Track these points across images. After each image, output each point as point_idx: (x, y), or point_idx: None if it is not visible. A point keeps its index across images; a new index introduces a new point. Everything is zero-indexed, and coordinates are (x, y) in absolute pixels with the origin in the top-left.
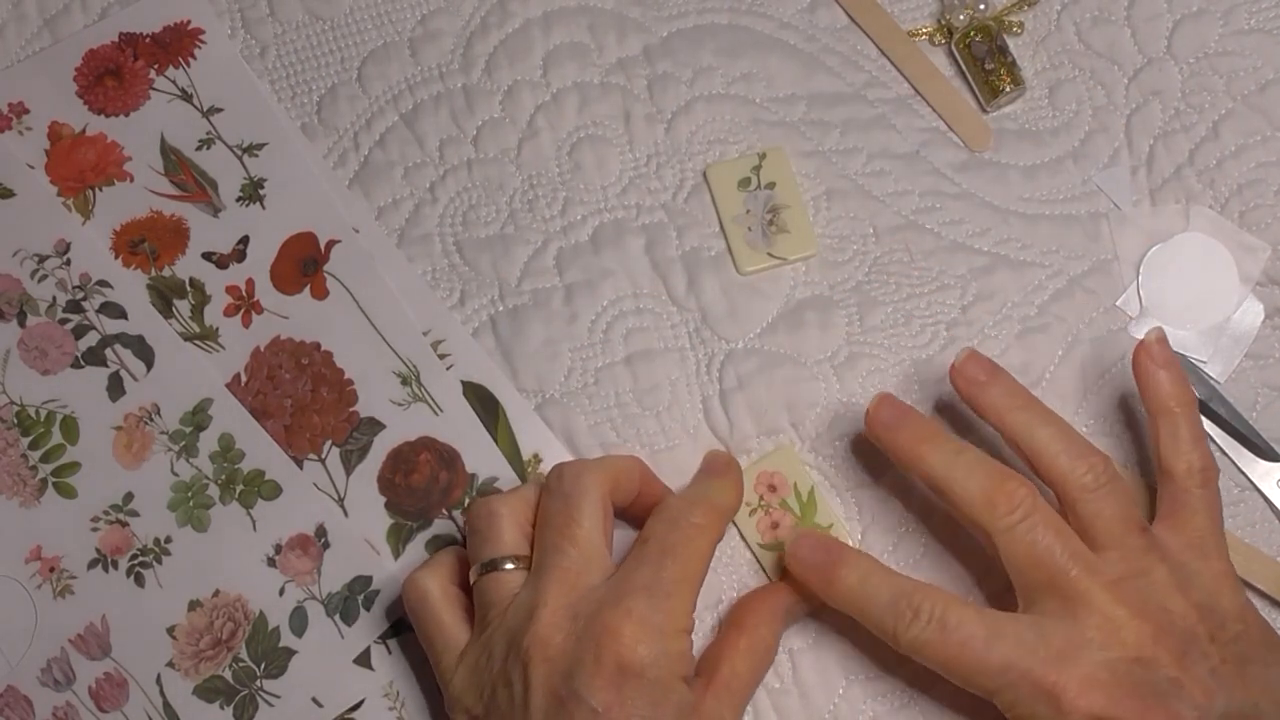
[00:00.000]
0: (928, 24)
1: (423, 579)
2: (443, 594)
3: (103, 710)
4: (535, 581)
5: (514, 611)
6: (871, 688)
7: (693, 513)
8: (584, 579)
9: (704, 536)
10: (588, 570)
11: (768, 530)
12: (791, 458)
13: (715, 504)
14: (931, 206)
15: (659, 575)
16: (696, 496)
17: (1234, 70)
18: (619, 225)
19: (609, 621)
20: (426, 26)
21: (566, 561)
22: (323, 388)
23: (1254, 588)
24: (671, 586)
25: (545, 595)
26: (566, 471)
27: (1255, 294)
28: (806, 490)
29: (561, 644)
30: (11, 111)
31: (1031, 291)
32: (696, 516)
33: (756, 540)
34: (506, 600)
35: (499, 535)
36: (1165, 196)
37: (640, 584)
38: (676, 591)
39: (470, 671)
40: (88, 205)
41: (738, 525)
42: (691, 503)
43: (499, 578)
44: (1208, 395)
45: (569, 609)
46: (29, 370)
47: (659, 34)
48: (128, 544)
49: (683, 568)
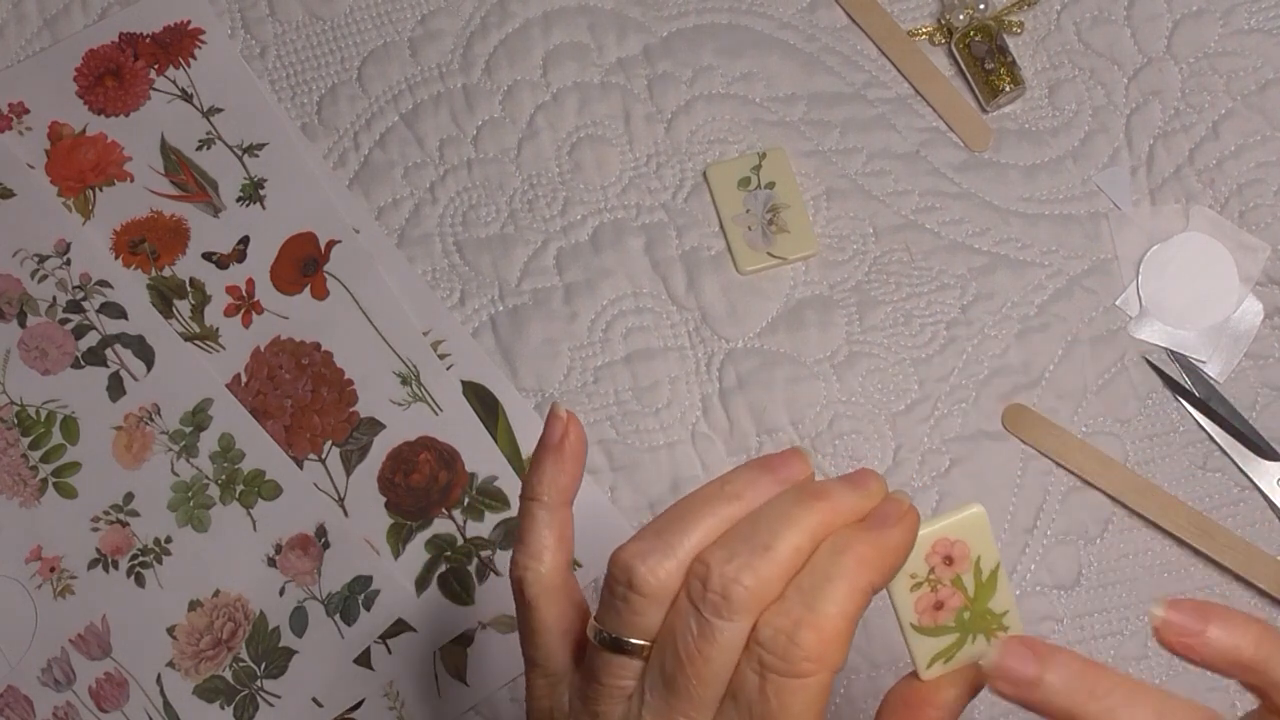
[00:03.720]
0: (928, 24)
1: (533, 570)
2: (549, 595)
3: (103, 710)
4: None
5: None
6: (873, 686)
7: (803, 635)
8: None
9: (821, 683)
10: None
11: (928, 611)
12: (982, 528)
13: (845, 610)
14: (931, 206)
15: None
16: (816, 592)
17: (1234, 70)
18: (619, 225)
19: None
20: (426, 26)
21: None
22: (323, 388)
23: (1254, 587)
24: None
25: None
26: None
27: (1255, 294)
28: (990, 568)
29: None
30: (11, 111)
31: (1031, 291)
32: (814, 646)
33: (910, 619)
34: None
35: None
36: (1165, 196)
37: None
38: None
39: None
40: (88, 205)
41: (890, 592)
42: (809, 610)
43: (623, 663)
44: (1207, 395)
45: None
46: (29, 370)
47: (659, 34)
48: (128, 544)
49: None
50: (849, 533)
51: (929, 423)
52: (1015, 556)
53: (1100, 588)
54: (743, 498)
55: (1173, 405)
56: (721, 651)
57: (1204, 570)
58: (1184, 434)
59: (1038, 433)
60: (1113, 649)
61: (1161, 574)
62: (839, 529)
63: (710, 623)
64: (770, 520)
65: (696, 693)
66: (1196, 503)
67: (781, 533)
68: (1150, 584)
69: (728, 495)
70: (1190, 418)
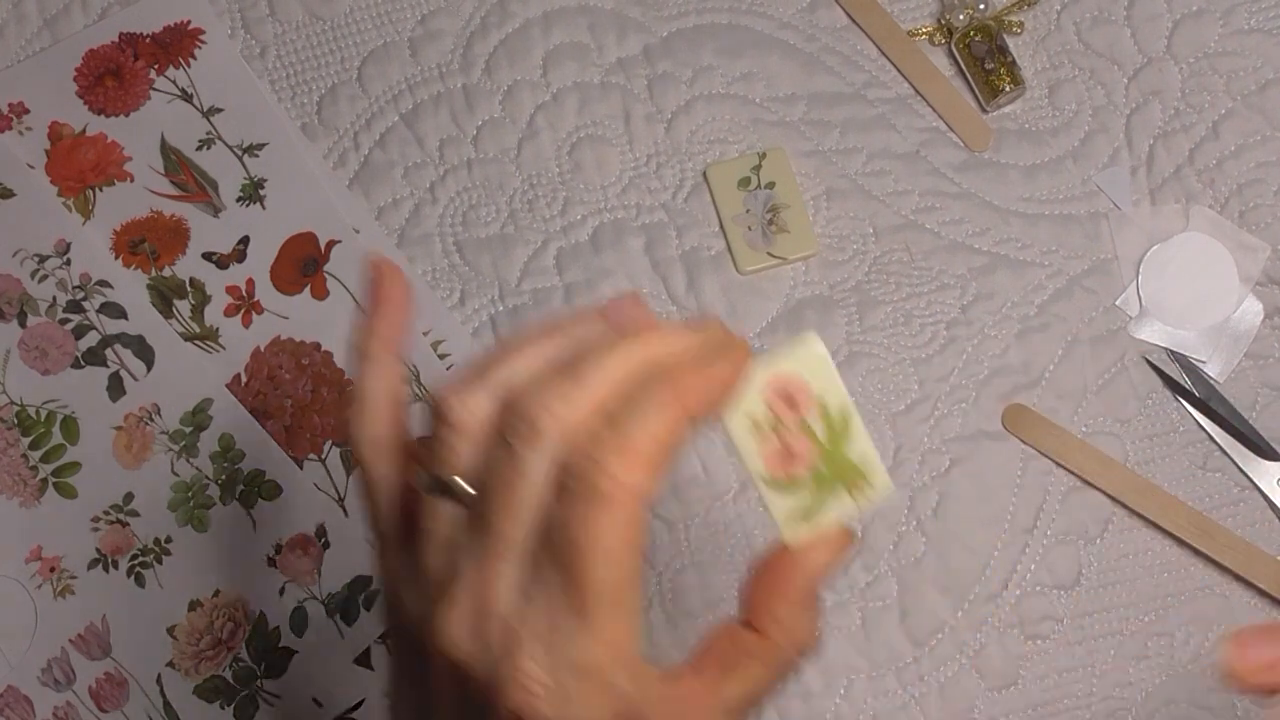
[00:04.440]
0: (928, 24)
1: (362, 428)
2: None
3: (103, 710)
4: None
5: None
6: (873, 686)
7: (606, 458)
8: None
9: (627, 510)
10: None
11: (779, 462)
12: (820, 363)
13: (655, 434)
14: (931, 206)
15: (561, 593)
16: (625, 416)
17: (1234, 70)
18: (619, 225)
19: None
20: (426, 26)
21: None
22: (323, 388)
23: (1254, 587)
24: (589, 603)
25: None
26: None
27: (1255, 294)
28: (839, 411)
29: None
30: (12, 111)
31: (1031, 291)
32: (618, 468)
33: (760, 472)
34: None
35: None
36: (1165, 196)
37: (538, 610)
38: (600, 609)
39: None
40: (88, 205)
41: (735, 444)
42: (615, 433)
43: (445, 508)
44: (1207, 395)
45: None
46: (29, 370)
47: (659, 34)
48: (128, 544)
49: (601, 571)
50: (670, 364)
51: (929, 423)
52: (1015, 556)
53: (1100, 588)
54: (568, 335)
55: (1173, 405)
56: (530, 485)
57: (1204, 570)
58: (1184, 434)
59: (1038, 433)
60: (1113, 649)
61: (1161, 574)
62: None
63: (518, 453)
64: (591, 354)
65: (508, 531)
66: (1196, 503)
67: (599, 362)
68: (1150, 584)
69: (550, 331)
70: (1190, 418)
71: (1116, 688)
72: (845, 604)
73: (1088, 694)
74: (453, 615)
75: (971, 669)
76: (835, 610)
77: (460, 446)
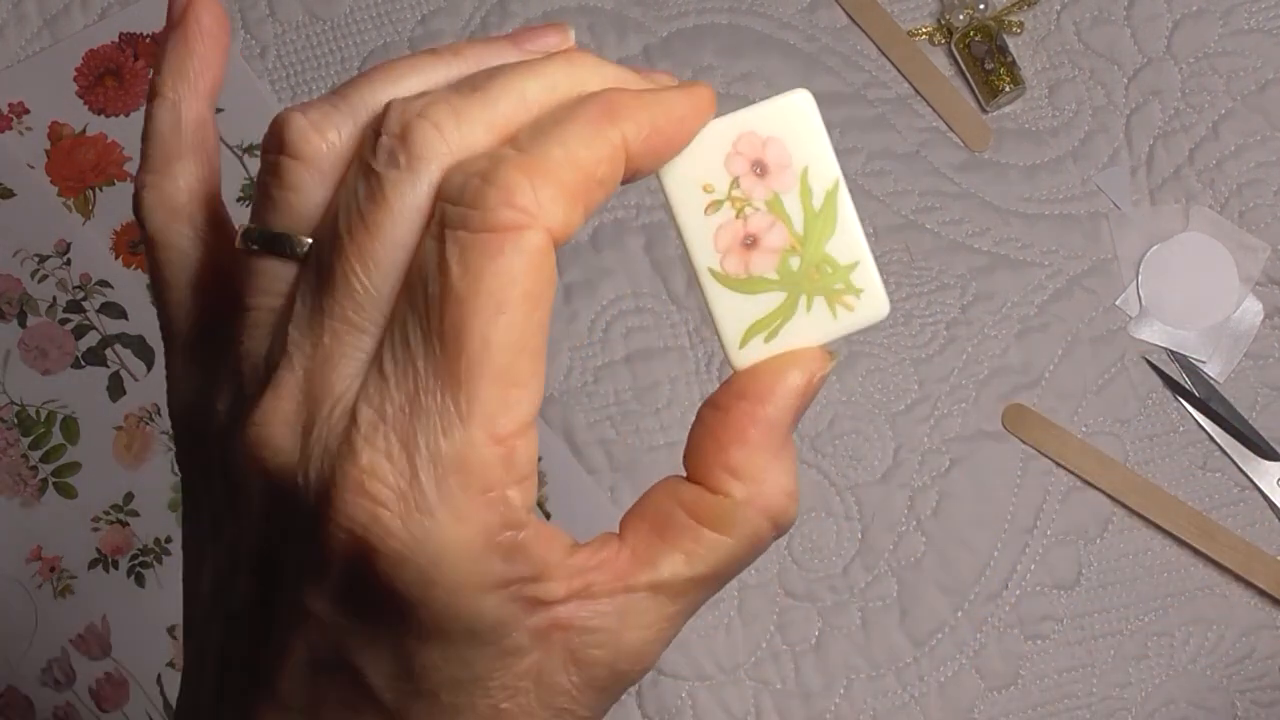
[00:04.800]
0: (928, 24)
1: (154, 190)
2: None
3: (103, 710)
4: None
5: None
6: (873, 686)
7: (507, 176)
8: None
9: (531, 246)
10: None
11: (736, 250)
12: (808, 121)
13: (578, 157)
14: (931, 206)
15: (435, 359)
16: (539, 131)
17: (1234, 70)
18: (619, 225)
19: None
20: (426, 26)
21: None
22: None
23: (1254, 587)
24: (464, 373)
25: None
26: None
27: (1255, 294)
28: (824, 187)
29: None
30: (11, 111)
31: (1031, 291)
32: (521, 188)
33: (710, 262)
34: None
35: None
36: (1165, 196)
37: (392, 382)
38: (480, 381)
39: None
40: (88, 205)
41: (679, 222)
42: (520, 150)
43: (274, 270)
44: (1207, 395)
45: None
46: (29, 370)
47: (659, 34)
48: (128, 544)
49: (484, 328)
50: (602, 84)
51: (929, 423)
52: (1015, 556)
53: (1100, 588)
54: (465, 58)
55: (1173, 405)
56: (398, 219)
57: (1204, 570)
58: (1184, 434)
59: (1038, 433)
60: (1113, 649)
61: (1161, 574)
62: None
63: (381, 176)
64: (495, 69)
65: (362, 284)
66: (1196, 503)
67: (504, 75)
68: (1150, 584)
69: (442, 53)
70: (1190, 418)
71: (1116, 688)
72: (845, 604)
73: (1088, 694)
74: (274, 408)
75: (971, 669)
76: (835, 610)
77: (307, 186)
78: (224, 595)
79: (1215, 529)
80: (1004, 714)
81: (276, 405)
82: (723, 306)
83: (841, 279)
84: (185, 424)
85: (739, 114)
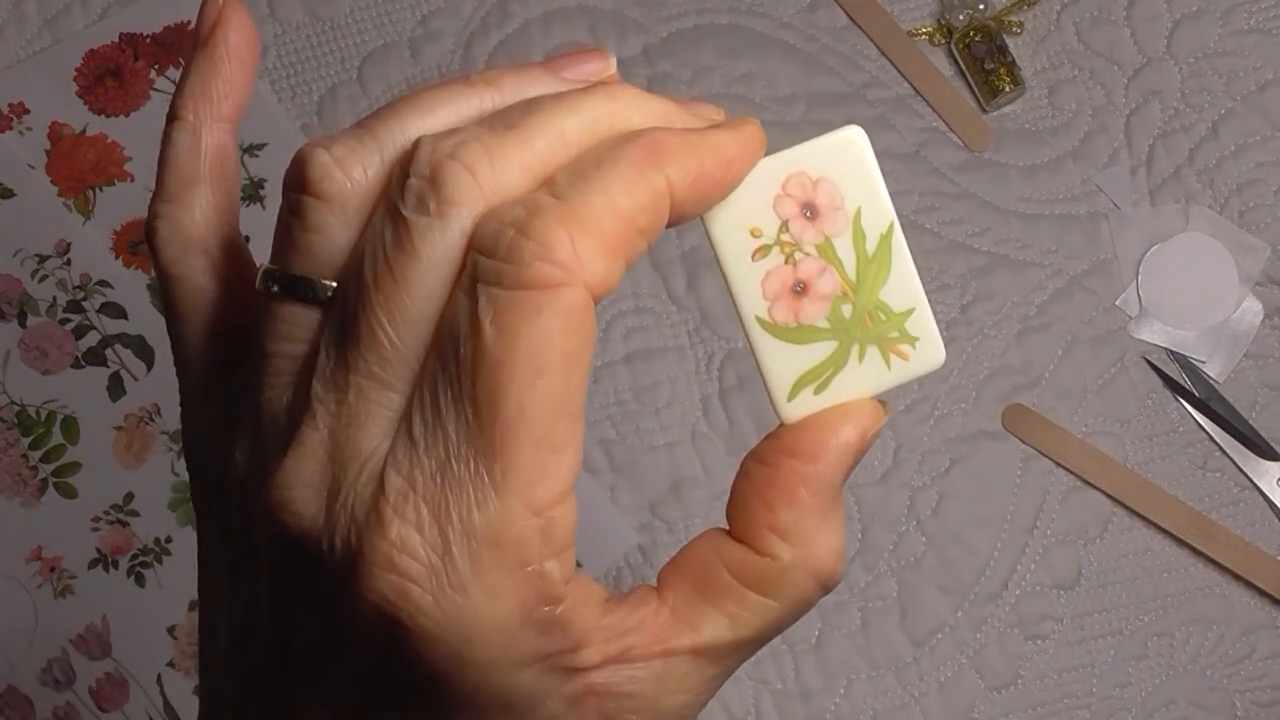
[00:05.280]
0: (928, 24)
1: (168, 220)
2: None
3: (103, 710)
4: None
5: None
6: (873, 686)
7: (545, 230)
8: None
9: (569, 304)
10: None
11: (786, 298)
12: (861, 161)
13: (619, 206)
14: (931, 206)
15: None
16: (577, 177)
17: (1234, 70)
18: None
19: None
20: (426, 26)
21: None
22: None
23: (1254, 587)
24: (500, 443)
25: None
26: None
27: (1255, 294)
28: (878, 230)
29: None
30: (12, 111)
31: (1031, 291)
32: (560, 242)
33: (757, 309)
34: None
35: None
36: (1165, 196)
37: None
38: (517, 452)
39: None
40: (88, 205)
41: (724, 269)
42: (559, 199)
43: (296, 316)
44: (1207, 395)
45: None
46: (29, 370)
47: (659, 34)
48: (128, 544)
49: (521, 393)
50: (647, 124)
51: (929, 423)
52: (1015, 556)
53: (1100, 588)
54: (500, 88)
55: (1173, 405)
56: (423, 268)
57: (1204, 570)
58: (1184, 434)
59: (1038, 433)
60: (1112, 649)
61: (1161, 574)
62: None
63: (409, 223)
64: (534, 103)
65: (390, 340)
66: (1196, 503)
67: (543, 112)
68: (1150, 584)
69: (476, 82)
70: (1190, 418)
71: (1116, 688)
72: (845, 604)
73: (1088, 694)
74: (297, 469)
75: (971, 669)
76: (835, 610)
77: (330, 227)
78: (241, 655)
79: (1215, 529)
80: (1004, 714)
81: (299, 466)
82: (770, 357)
83: (896, 327)
84: (200, 467)
85: (788, 152)
